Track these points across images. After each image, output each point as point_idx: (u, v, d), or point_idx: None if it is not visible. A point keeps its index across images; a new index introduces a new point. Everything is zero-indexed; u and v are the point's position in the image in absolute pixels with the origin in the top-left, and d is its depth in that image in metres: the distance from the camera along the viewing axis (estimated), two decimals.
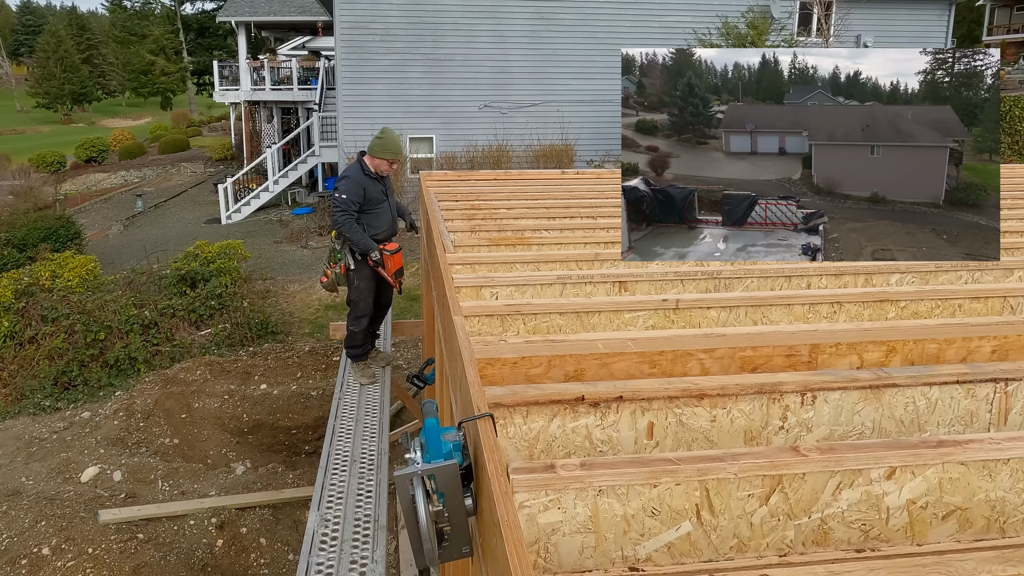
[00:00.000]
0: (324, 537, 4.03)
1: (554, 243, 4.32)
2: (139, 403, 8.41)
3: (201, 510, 6.44)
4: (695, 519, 1.68)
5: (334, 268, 5.61)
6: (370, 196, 5.40)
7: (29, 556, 5.78)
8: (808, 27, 18.35)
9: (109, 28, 65.20)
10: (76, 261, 11.92)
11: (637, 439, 2.05)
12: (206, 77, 51.50)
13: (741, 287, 3.52)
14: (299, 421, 8.40)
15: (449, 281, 3.17)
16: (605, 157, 17.57)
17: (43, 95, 59.94)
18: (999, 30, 37.97)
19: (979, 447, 1.75)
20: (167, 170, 30.33)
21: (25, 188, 24.61)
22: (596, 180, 6.97)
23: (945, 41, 18.70)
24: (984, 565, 1.51)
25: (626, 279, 3.46)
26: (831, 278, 3.55)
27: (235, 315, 11.01)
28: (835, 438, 2.11)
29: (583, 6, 17.70)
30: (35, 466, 7.22)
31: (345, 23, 17.45)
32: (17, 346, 9.97)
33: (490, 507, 1.53)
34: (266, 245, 16.60)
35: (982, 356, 2.40)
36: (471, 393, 1.89)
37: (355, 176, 5.36)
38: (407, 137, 17.96)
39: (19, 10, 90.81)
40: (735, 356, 2.31)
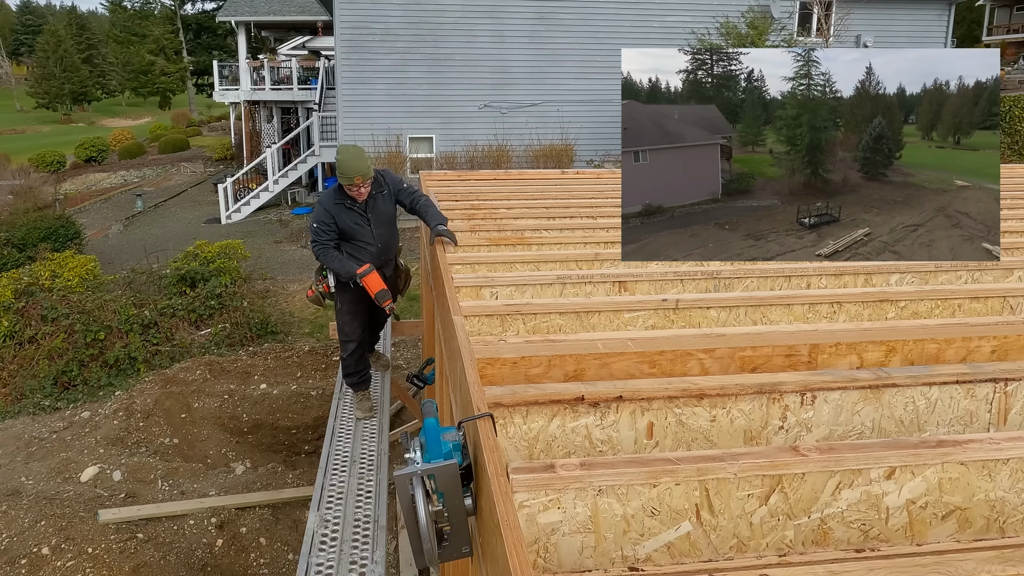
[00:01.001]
0: (324, 537, 4.03)
1: (554, 243, 4.32)
2: (139, 403, 8.42)
3: (201, 510, 6.44)
4: (695, 519, 1.68)
5: (319, 284, 5.23)
6: (343, 226, 4.83)
7: (29, 556, 5.78)
8: (808, 27, 18.36)
9: (109, 28, 65.29)
10: (76, 261, 11.92)
11: (637, 439, 2.05)
12: (206, 77, 51.53)
13: (741, 287, 3.52)
14: (299, 421, 8.40)
15: (449, 281, 3.17)
16: (605, 157, 17.58)
17: (43, 95, 59.93)
18: (999, 30, 37.98)
19: (979, 447, 1.75)
20: (167, 170, 30.33)
21: (25, 188, 24.61)
22: (596, 180, 6.97)
23: (945, 41, 18.71)
24: (984, 565, 1.51)
25: (626, 279, 3.46)
26: (831, 278, 3.56)
27: (235, 315, 11.01)
28: (835, 438, 2.11)
29: (583, 6, 17.70)
30: (35, 466, 7.22)
31: (345, 23, 17.45)
32: (17, 346, 9.97)
33: (490, 507, 1.53)
34: (266, 245, 16.60)
35: (982, 356, 2.40)
36: (471, 393, 1.89)
37: (325, 203, 4.87)
38: (407, 137, 17.96)
39: (19, 10, 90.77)
40: (735, 356, 2.31)
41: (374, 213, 4.91)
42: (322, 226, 4.80)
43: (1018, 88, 21.26)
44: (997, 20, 38.68)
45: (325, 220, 4.80)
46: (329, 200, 4.86)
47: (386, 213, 4.99)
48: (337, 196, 4.83)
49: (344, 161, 4.67)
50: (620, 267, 3.67)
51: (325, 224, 4.80)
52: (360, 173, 4.64)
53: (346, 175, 4.65)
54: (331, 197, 4.86)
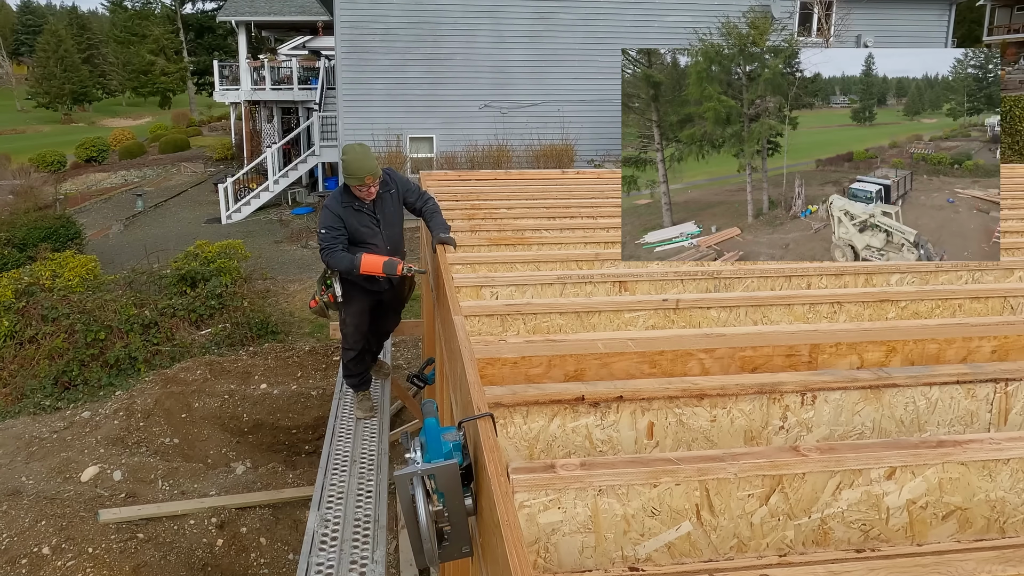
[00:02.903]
0: (324, 537, 4.03)
1: (554, 243, 4.32)
2: (139, 403, 8.42)
3: (201, 510, 6.44)
4: (695, 519, 1.68)
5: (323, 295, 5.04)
6: (352, 229, 4.65)
7: (29, 555, 5.78)
8: (808, 27, 18.36)
9: (109, 28, 65.26)
10: (76, 261, 11.92)
11: (637, 439, 2.05)
12: (206, 77, 51.52)
13: (741, 287, 3.52)
14: (299, 421, 8.39)
15: (449, 281, 3.17)
16: (605, 157, 17.58)
17: (43, 95, 59.94)
18: (999, 30, 37.98)
19: (979, 447, 1.75)
20: (167, 170, 30.33)
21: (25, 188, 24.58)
22: (596, 180, 6.97)
23: (946, 41, 18.70)
24: (984, 565, 1.51)
25: (626, 279, 3.46)
26: (831, 278, 3.56)
27: (235, 315, 11.01)
28: (835, 438, 2.11)
29: (583, 6, 17.70)
30: (35, 466, 7.22)
31: (345, 23, 17.45)
32: (17, 346, 9.97)
33: (490, 507, 1.53)
34: (266, 245, 16.61)
35: (982, 356, 2.40)
36: (471, 393, 1.89)
37: (332, 207, 4.69)
38: (407, 137, 17.96)
39: (19, 10, 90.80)
40: (735, 356, 2.31)
41: (383, 214, 4.75)
42: (331, 231, 4.62)
43: (1018, 88, 21.26)
44: (997, 20, 38.67)
45: (334, 224, 4.62)
46: (336, 203, 4.67)
47: (395, 213, 4.84)
48: (344, 198, 4.66)
49: (352, 161, 4.51)
50: (620, 267, 3.67)
51: (334, 229, 4.62)
52: (370, 172, 4.49)
53: (356, 175, 4.49)
54: (338, 200, 4.68)
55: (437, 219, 4.43)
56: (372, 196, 4.65)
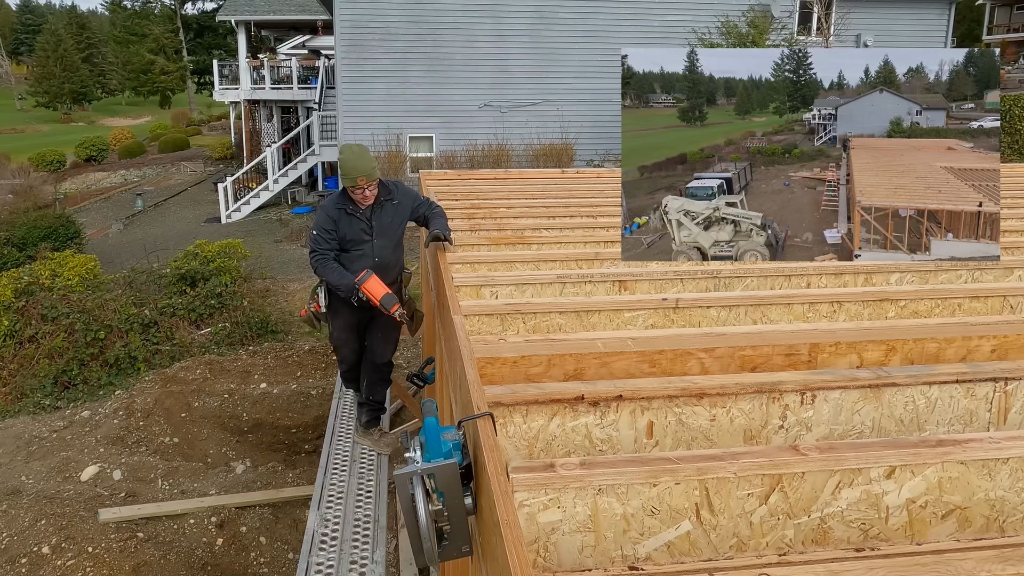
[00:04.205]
0: (324, 537, 4.03)
1: (554, 242, 4.32)
2: (139, 402, 8.41)
3: (201, 509, 6.43)
4: (695, 518, 1.68)
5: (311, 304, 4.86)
6: (344, 234, 4.44)
7: (29, 555, 5.78)
8: (808, 26, 18.35)
9: (109, 27, 65.27)
10: (76, 260, 11.91)
11: (637, 438, 2.05)
12: (206, 76, 51.52)
13: (741, 286, 3.52)
14: (299, 420, 8.39)
15: (449, 280, 3.17)
16: (605, 156, 17.58)
17: (43, 94, 59.93)
18: (999, 29, 37.99)
19: (979, 446, 1.75)
20: (167, 169, 30.32)
21: (25, 187, 24.61)
22: (596, 179, 6.97)
23: (945, 41, 18.70)
24: (984, 564, 1.51)
25: (626, 278, 3.46)
26: (831, 277, 3.56)
27: (235, 314, 11.00)
28: (835, 437, 2.11)
29: (583, 6, 17.70)
30: (35, 465, 7.22)
31: (345, 22, 17.45)
32: (17, 345, 9.96)
33: (490, 506, 1.53)
34: (266, 244, 16.60)
35: (982, 355, 2.40)
36: (471, 392, 1.89)
37: (327, 208, 4.50)
38: (407, 136, 17.96)
39: (19, 9, 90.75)
40: (735, 355, 2.31)
41: (379, 223, 4.52)
42: (323, 233, 4.44)
43: (1018, 88, 21.27)
44: (997, 19, 38.68)
45: (326, 227, 4.44)
46: (332, 206, 4.49)
47: (391, 226, 4.59)
48: (340, 202, 4.47)
49: (346, 161, 4.33)
50: (620, 266, 3.67)
51: (326, 231, 4.44)
52: (363, 173, 4.28)
53: (348, 176, 4.30)
54: (335, 203, 4.50)
55: (437, 220, 4.32)
56: (368, 200, 4.45)
